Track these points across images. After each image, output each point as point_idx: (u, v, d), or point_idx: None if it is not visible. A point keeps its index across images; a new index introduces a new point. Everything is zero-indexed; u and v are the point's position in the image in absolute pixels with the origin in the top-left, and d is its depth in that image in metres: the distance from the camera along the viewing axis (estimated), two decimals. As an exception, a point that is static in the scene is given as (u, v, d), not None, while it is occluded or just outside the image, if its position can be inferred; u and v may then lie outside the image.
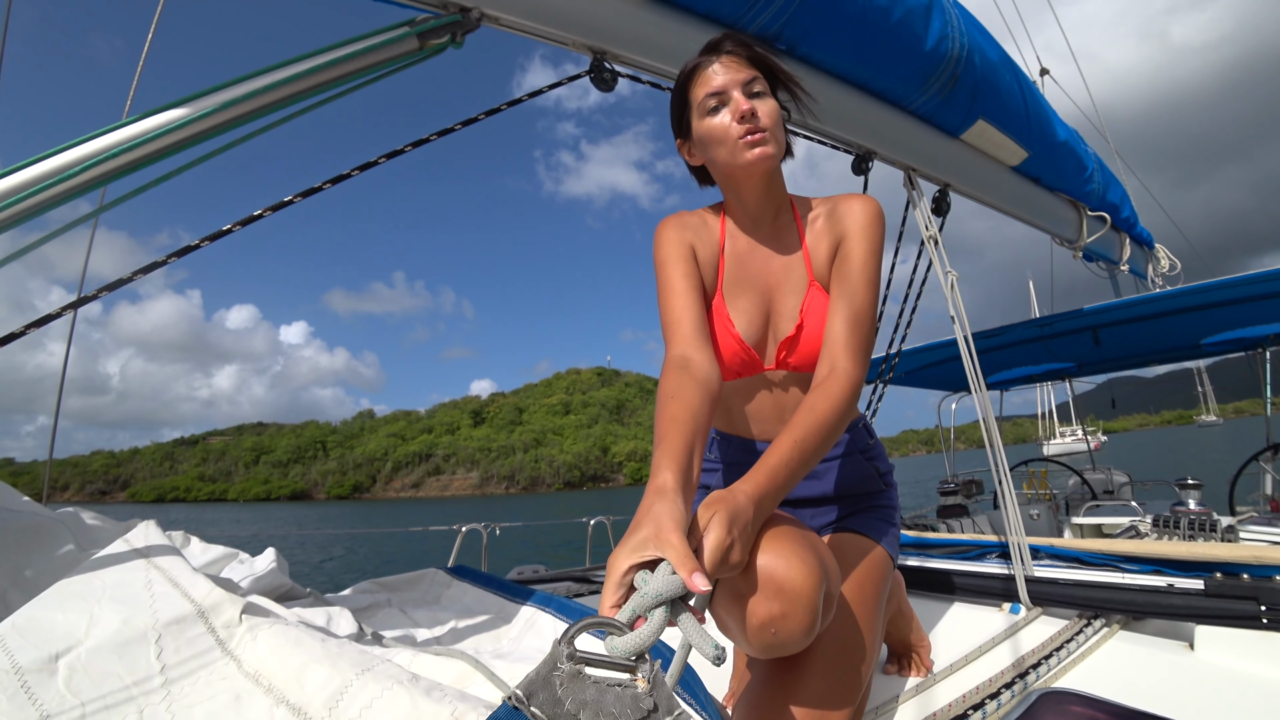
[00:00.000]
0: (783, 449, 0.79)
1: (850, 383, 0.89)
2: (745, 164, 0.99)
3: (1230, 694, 1.13)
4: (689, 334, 0.97)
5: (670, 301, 1.02)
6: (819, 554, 0.77)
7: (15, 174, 0.92)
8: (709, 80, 0.98)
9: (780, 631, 0.71)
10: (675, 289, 1.02)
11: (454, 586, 1.76)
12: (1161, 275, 4.02)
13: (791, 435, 0.81)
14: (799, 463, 0.79)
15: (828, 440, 0.84)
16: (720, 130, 0.99)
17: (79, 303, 1.03)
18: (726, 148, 0.99)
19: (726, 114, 0.98)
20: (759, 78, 0.98)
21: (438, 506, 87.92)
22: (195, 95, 1.01)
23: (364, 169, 1.15)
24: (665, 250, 1.07)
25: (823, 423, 0.84)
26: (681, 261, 1.05)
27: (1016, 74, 2.18)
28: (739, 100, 0.96)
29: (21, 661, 0.72)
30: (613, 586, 0.60)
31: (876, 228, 1.04)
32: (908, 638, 1.30)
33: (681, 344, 0.96)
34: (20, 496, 1.15)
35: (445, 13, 1.23)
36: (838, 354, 0.94)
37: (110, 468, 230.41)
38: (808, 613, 0.71)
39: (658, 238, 1.09)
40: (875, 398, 2.79)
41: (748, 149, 0.97)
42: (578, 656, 0.50)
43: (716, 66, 0.98)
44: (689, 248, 1.07)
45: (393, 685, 0.75)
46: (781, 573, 0.71)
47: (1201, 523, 3.05)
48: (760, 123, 0.97)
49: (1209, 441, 36.52)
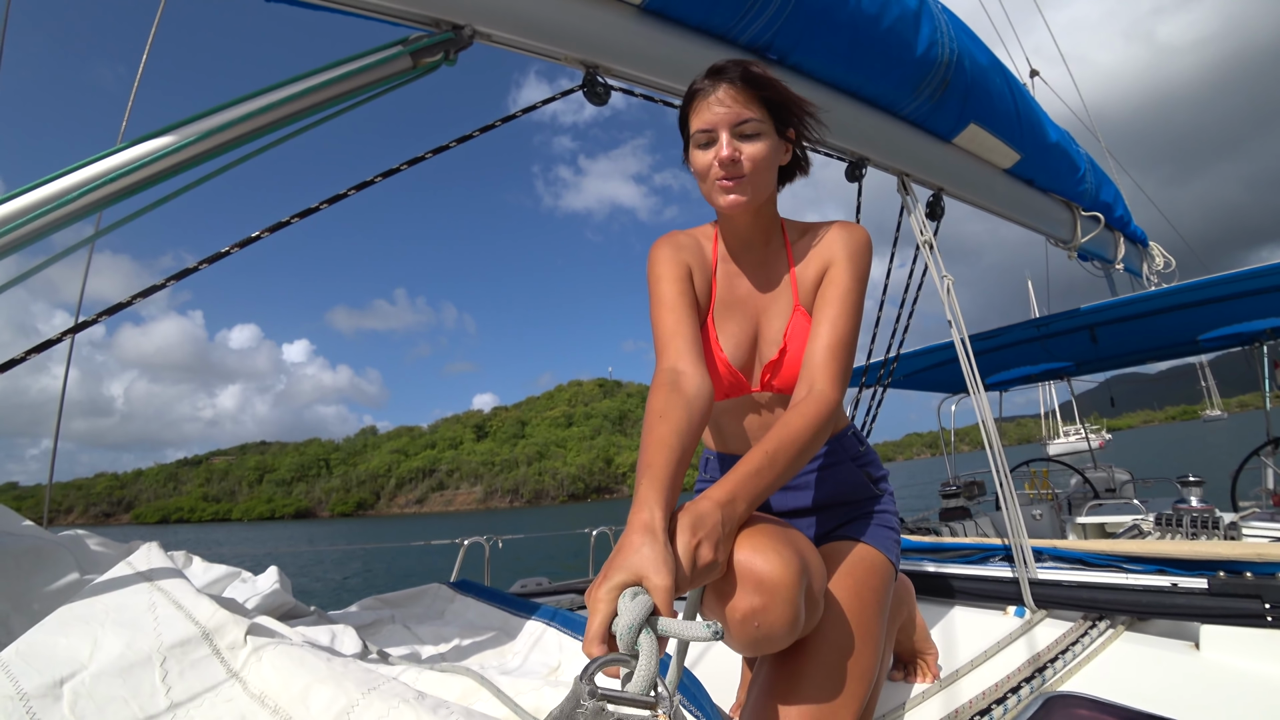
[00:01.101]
0: (753, 458, 0.82)
1: (826, 404, 0.92)
2: (719, 206, 1.03)
3: (1237, 693, 1.13)
4: (681, 347, 0.98)
5: (663, 316, 1.03)
6: (797, 548, 0.79)
7: (14, 200, 0.93)
8: (703, 113, 0.99)
9: (762, 625, 0.73)
10: (668, 304, 1.04)
11: (457, 601, 1.76)
12: (1156, 273, 4.04)
13: (763, 447, 0.84)
14: (770, 472, 0.82)
15: (801, 454, 0.86)
16: (703, 167, 1.01)
17: (77, 328, 1.03)
18: (706, 185, 1.03)
19: (711, 153, 1.00)
20: (754, 118, 0.98)
21: (442, 522, 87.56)
22: (191, 119, 1.02)
23: (360, 188, 1.16)
24: (660, 267, 1.08)
25: (795, 438, 0.86)
26: (676, 279, 1.06)
27: (1007, 77, 2.20)
28: (723, 144, 0.97)
29: (26, 687, 0.72)
30: (597, 623, 0.61)
31: (862, 257, 1.06)
32: (915, 644, 1.30)
33: (673, 357, 0.97)
34: (21, 520, 1.15)
35: (438, 31, 1.24)
36: (816, 377, 0.96)
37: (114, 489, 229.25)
38: (787, 604, 0.73)
39: (652, 255, 1.11)
40: (875, 402, 2.80)
41: (722, 193, 1.00)
42: (599, 694, 0.51)
43: (715, 97, 0.98)
44: (684, 265, 1.09)
45: (399, 704, 0.75)
46: (758, 566, 0.73)
47: (1204, 520, 3.04)
48: (740, 169, 0.98)
49: (1214, 437, 36.46)
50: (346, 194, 1.15)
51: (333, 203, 1.13)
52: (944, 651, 1.39)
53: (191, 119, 1.02)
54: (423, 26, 1.24)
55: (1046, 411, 26.83)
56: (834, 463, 1.16)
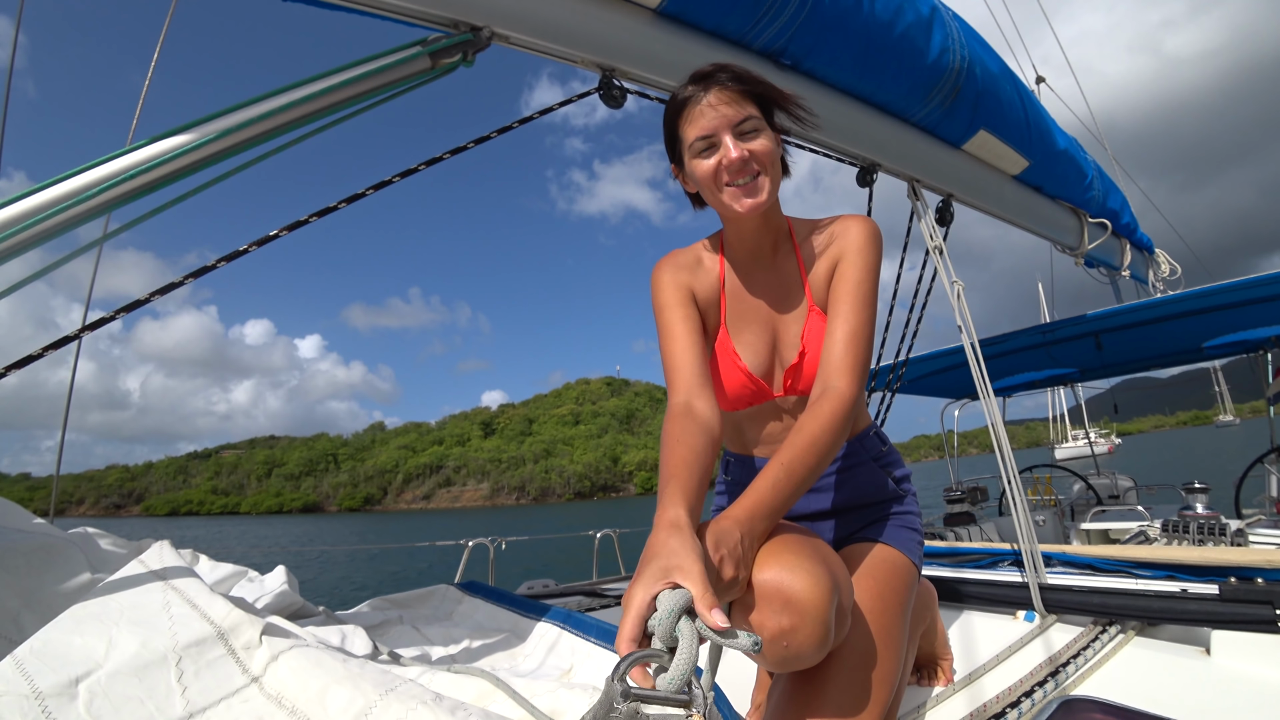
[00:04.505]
0: (771, 473, 0.82)
1: (843, 402, 0.91)
2: (733, 212, 1.00)
3: (1248, 699, 1.12)
4: (690, 381, 0.98)
5: (671, 348, 1.02)
6: (828, 566, 0.78)
7: (29, 197, 0.93)
8: (698, 120, 0.97)
9: (792, 645, 0.72)
10: (675, 335, 1.03)
11: (465, 602, 1.75)
12: (1162, 280, 4.04)
13: (779, 459, 0.84)
14: (789, 484, 0.82)
15: (821, 459, 0.86)
16: (711, 176, 0.98)
17: (87, 328, 1.03)
18: (718, 196, 1.00)
19: (717, 157, 0.97)
20: (752, 115, 0.97)
21: (448, 518, 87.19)
22: (210, 116, 1.02)
23: (378, 188, 1.16)
24: (663, 296, 1.08)
25: (811, 444, 0.85)
26: (680, 306, 1.06)
27: (1016, 85, 2.20)
28: (728, 147, 0.95)
29: (41, 686, 0.72)
30: (632, 619, 0.60)
31: (873, 248, 1.04)
32: (933, 649, 1.29)
33: (684, 391, 0.97)
34: (31, 517, 1.14)
35: (456, 32, 1.25)
36: (831, 374, 0.95)
37: (125, 482, 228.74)
38: (819, 624, 0.72)
39: (655, 282, 1.10)
40: (884, 406, 2.79)
41: (739, 197, 0.98)
42: (632, 694, 0.49)
43: (707, 103, 0.96)
44: (687, 291, 1.08)
45: (417, 705, 0.74)
46: (789, 586, 0.72)
47: (1210, 527, 3.04)
48: (753, 168, 0.97)
49: (1225, 443, 36.29)
50: (365, 193, 1.15)
51: (351, 202, 1.12)
52: (955, 655, 1.38)
53: (210, 117, 1.02)
54: (441, 28, 1.24)
55: (1056, 416, 26.72)
56: (855, 464, 1.15)
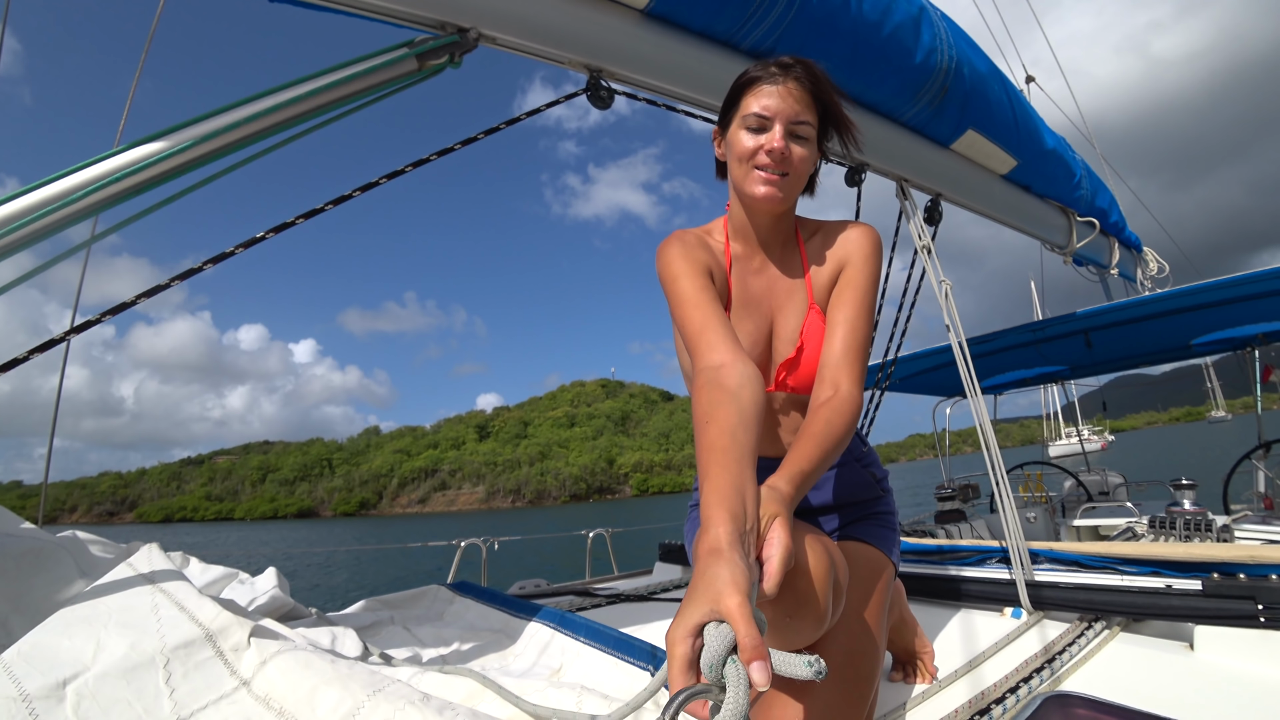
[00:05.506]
0: (806, 448, 0.83)
1: (855, 406, 0.93)
2: (749, 194, 1.01)
3: (1231, 693, 1.14)
4: (715, 340, 0.90)
5: (689, 313, 0.96)
6: (824, 543, 0.81)
7: (19, 198, 0.93)
8: (763, 98, 0.97)
9: (794, 617, 0.74)
10: (692, 300, 0.97)
11: (456, 603, 1.76)
12: (1150, 278, 4.07)
13: (817, 442, 0.84)
14: (824, 465, 0.83)
15: (838, 452, 0.88)
16: (746, 150, 0.99)
17: (75, 330, 1.02)
18: (743, 169, 1.01)
19: (761, 138, 0.98)
20: (808, 122, 0.98)
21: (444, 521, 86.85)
22: (198, 118, 1.02)
23: (365, 189, 1.16)
24: (675, 266, 1.02)
25: (838, 436, 0.87)
26: (695, 274, 1.01)
27: (1005, 84, 2.22)
28: (775, 134, 0.97)
29: (29, 689, 0.72)
30: (680, 666, 0.53)
31: (877, 258, 1.08)
32: (911, 645, 1.31)
33: (709, 353, 0.89)
34: (19, 521, 1.14)
35: (443, 33, 1.25)
36: (840, 377, 0.96)
37: (118, 488, 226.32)
38: (820, 597, 0.75)
39: (664, 256, 1.06)
40: (873, 405, 2.81)
41: (761, 184, 0.99)
42: None
43: (782, 89, 0.97)
44: (700, 261, 1.04)
45: (405, 705, 0.75)
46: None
47: (1197, 523, 3.07)
48: (786, 165, 0.98)
49: (1217, 439, 36.60)
50: (352, 195, 1.15)
51: (338, 203, 1.12)
52: (942, 652, 1.39)
53: (198, 119, 1.01)
54: (428, 29, 1.24)
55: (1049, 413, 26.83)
56: (841, 464, 1.17)
